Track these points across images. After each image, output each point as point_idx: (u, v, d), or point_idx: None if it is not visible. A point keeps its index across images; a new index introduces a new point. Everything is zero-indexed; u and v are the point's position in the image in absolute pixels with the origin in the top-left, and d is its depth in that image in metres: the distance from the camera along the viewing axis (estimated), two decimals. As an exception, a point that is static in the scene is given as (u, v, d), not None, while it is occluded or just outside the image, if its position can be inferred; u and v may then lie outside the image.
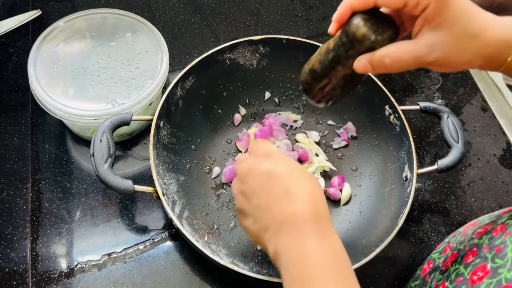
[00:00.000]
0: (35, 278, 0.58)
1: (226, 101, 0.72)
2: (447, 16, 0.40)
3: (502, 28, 0.41)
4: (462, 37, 0.40)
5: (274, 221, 0.42)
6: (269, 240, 0.42)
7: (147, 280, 0.59)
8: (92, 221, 0.63)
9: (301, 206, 0.41)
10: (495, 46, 0.41)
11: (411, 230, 0.66)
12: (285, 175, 0.43)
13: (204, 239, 0.59)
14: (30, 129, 0.69)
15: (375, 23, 0.41)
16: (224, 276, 0.60)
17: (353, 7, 0.42)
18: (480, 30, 0.40)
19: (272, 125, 0.71)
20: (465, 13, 0.40)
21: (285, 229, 0.41)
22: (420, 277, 0.56)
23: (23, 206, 0.63)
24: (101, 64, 0.66)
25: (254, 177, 0.45)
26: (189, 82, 0.66)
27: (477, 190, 0.71)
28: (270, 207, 0.43)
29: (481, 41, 0.40)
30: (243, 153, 0.70)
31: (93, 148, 0.56)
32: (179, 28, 0.84)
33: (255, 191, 0.44)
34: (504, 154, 0.76)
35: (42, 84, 0.63)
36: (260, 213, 0.44)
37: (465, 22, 0.40)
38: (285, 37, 0.69)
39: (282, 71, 0.73)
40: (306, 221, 0.41)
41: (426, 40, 0.40)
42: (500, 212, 0.50)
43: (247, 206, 0.45)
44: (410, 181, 0.60)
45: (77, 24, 0.70)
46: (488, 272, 0.41)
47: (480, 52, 0.41)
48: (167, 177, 0.61)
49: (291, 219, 0.41)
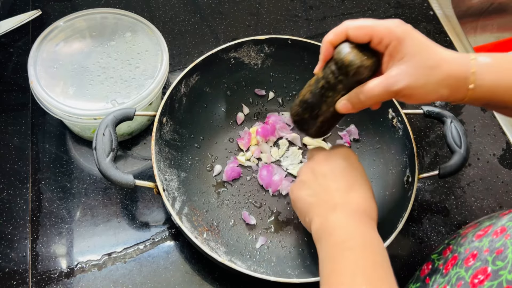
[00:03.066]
0: (35, 278, 0.58)
1: (229, 100, 0.73)
2: (407, 51, 0.44)
3: (459, 61, 0.45)
4: (422, 69, 0.44)
5: (332, 200, 0.48)
6: (320, 214, 0.48)
7: (147, 280, 0.59)
8: (92, 221, 0.63)
9: (360, 199, 0.49)
10: (455, 76, 0.44)
11: (411, 230, 0.66)
12: (355, 174, 0.51)
13: (203, 236, 0.59)
14: (30, 129, 0.69)
15: (361, 51, 0.46)
16: (224, 276, 0.60)
17: (332, 42, 0.47)
18: (437, 63, 0.44)
19: (275, 123, 0.71)
20: (423, 48, 0.45)
21: (339, 210, 0.47)
22: (420, 278, 0.56)
23: (23, 206, 0.63)
24: (101, 63, 0.66)
25: (329, 165, 0.52)
26: (193, 79, 0.66)
27: (477, 190, 0.71)
28: (333, 190, 0.49)
29: (440, 73, 0.44)
30: (244, 151, 0.70)
31: (96, 141, 0.55)
32: (179, 28, 0.84)
33: (326, 174, 0.51)
34: (504, 154, 0.76)
35: (42, 84, 0.63)
36: (321, 191, 0.50)
37: (423, 56, 0.44)
38: (290, 37, 0.69)
39: (286, 72, 0.73)
40: (360, 211, 0.47)
41: (392, 72, 0.45)
42: (500, 214, 0.50)
43: (313, 182, 0.51)
44: (411, 185, 0.60)
45: (77, 24, 0.70)
46: (489, 275, 0.41)
47: (443, 82, 0.44)
48: (168, 173, 0.61)
49: (348, 205, 0.48)
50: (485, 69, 0.44)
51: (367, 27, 0.45)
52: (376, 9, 0.90)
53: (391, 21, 0.46)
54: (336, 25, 0.47)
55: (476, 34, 1.09)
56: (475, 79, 0.44)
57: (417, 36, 0.45)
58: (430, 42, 0.45)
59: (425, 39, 0.45)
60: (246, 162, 0.69)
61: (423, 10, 0.91)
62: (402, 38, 0.44)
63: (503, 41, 1.07)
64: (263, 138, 0.70)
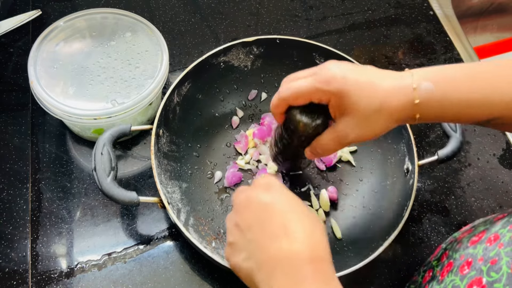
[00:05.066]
0: (35, 278, 0.58)
1: (223, 104, 0.72)
2: (347, 104, 0.44)
3: (402, 93, 0.44)
4: (366, 117, 0.44)
5: (269, 259, 0.39)
6: (262, 281, 0.39)
7: (147, 280, 0.59)
8: (92, 221, 0.63)
9: (299, 245, 0.38)
10: (401, 110, 0.44)
11: (411, 230, 0.66)
12: (284, 210, 0.41)
13: (211, 245, 0.59)
14: (30, 129, 0.69)
15: (308, 113, 0.49)
16: (224, 276, 0.60)
17: (281, 112, 0.50)
18: (381, 102, 0.44)
19: (271, 124, 0.71)
20: (362, 95, 0.44)
21: (280, 270, 0.38)
22: (422, 285, 0.55)
23: (23, 206, 0.63)
24: (101, 63, 0.66)
25: (251, 209, 0.42)
26: (185, 87, 0.66)
27: (477, 190, 0.71)
28: (265, 243, 0.40)
29: (386, 111, 0.44)
30: (243, 155, 0.70)
31: (95, 162, 0.55)
32: (179, 28, 0.84)
33: (251, 225, 0.41)
34: (504, 154, 0.76)
35: (42, 84, 0.63)
36: (254, 249, 0.41)
37: (364, 102, 0.44)
38: (278, 37, 0.69)
39: (276, 71, 0.73)
40: (304, 264, 0.38)
41: (339, 126, 0.47)
42: (494, 218, 0.50)
43: (241, 241, 0.42)
44: (412, 173, 0.61)
45: (77, 23, 0.70)
46: (484, 287, 0.41)
47: (390, 119, 0.45)
48: (170, 185, 0.61)
49: (288, 259, 0.38)
50: (428, 97, 0.43)
51: (303, 95, 0.46)
52: (376, 9, 0.90)
53: (322, 78, 0.45)
54: (336, 25, 0.48)
55: (476, 34, 1.09)
56: (420, 109, 0.44)
57: (353, 83, 0.44)
58: (368, 82, 0.44)
59: (361, 81, 0.44)
60: (246, 165, 0.69)
61: (423, 10, 0.91)
62: (338, 94, 0.44)
63: (503, 41, 1.07)
64: (260, 140, 0.70)
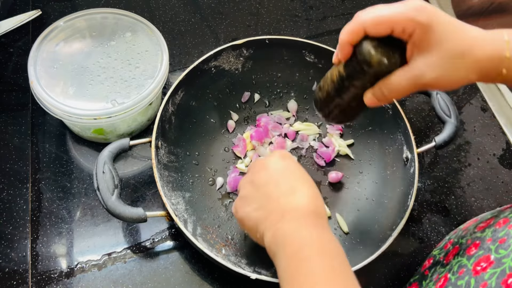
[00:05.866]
0: (35, 278, 0.58)
1: (217, 109, 0.72)
2: (432, 39, 0.41)
3: (492, 43, 0.41)
4: (451, 58, 0.41)
5: (278, 209, 0.45)
6: (269, 227, 0.45)
7: (147, 280, 0.59)
8: (92, 221, 0.63)
9: (306, 201, 0.45)
10: (487, 61, 0.41)
11: (411, 229, 0.66)
12: (295, 175, 0.48)
13: (222, 253, 0.59)
14: (30, 129, 0.69)
15: (385, 47, 0.42)
16: (224, 276, 0.60)
17: (350, 42, 0.44)
18: (468, 48, 0.41)
19: (267, 124, 0.71)
20: (450, 34, 0.41)
21: (288, 217, 0.44)
22: (420, 272, 0.56)
23: (23, 206, 0.63)
24: (101, 63, 0.66)
25: (269, 170, 0.49)
26: (179, 96, 0.66)
27: (477, 190, 0.71)
28: (277, 197, 0.46)
29: (470, 59, 0.41)
30: (242, 159, 0.70)
31: (97, 181, 0.54)
32: (179, 28, 0.84)
33: (267, 182, 0.48)
34: (504, 154, 0.76)
35: (42, 84, 0.63)
36: (266, 201, 0.47)
37: (451, 43, 0.41)
38: (268, 37, 0.70)
39: (267, 71, 0.73)
40: (308, 214, 0.44)
41: (417, 64, 0.42)
42: (502, 208, 0.51)
43: (255, 194, 0.48)
44: (411, 161, 0.61)
45: (77, 24, 0.70)
46: (492, 263, 0.42)
47: (473, 68, 0.41)
48: (174, 196, 0.60)
49: (294, 209, 0.45)
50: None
51: (386, 21, 0.41)
52: (376, 9, 0.90)
53: (411, 6, 0.41)
54: (336, 25, 0.47)
55: (476, 34, 1.09)
56: (510, 63, 0.40)
57: (443, 20, 0.41)
58: (458, 23, 0.42)
59: (452, 21, 0.42)
60: (246, 169, 0.68)
61: (423, 10, 0.91)
62: (427, 25, 0.40)
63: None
64: (258, 141, 0.70)
